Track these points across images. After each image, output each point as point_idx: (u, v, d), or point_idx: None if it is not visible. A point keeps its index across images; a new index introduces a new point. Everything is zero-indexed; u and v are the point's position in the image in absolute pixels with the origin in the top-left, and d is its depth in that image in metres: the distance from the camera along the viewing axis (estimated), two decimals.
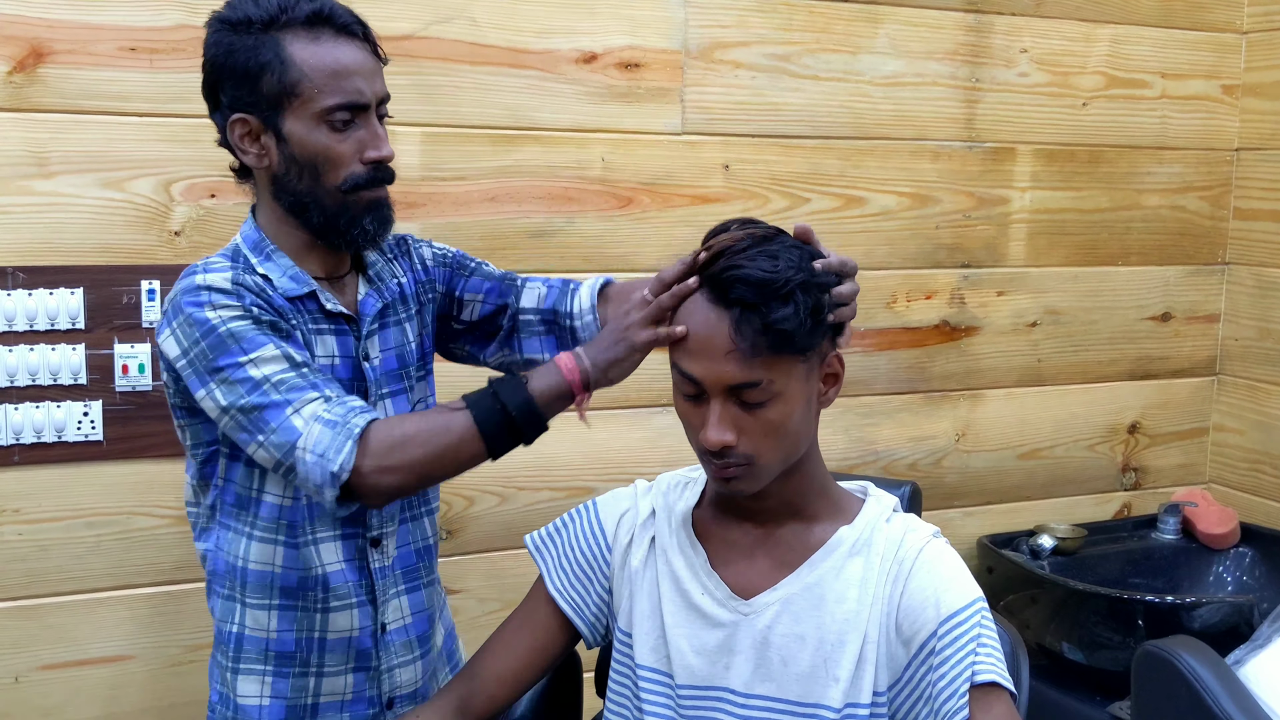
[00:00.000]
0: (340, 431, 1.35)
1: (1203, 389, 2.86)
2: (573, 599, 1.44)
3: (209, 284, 1.41)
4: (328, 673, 1.56)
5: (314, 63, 1.41)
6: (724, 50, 2.29)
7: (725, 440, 1.25)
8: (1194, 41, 2.70)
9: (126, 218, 1.95)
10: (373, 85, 1.45)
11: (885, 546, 1.34)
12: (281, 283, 1.47)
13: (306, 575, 1.52)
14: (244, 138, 1.45)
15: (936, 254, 2.53)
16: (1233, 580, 2.63)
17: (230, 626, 1.54)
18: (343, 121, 1.42)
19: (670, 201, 2.28)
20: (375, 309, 1.55)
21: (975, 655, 1.26)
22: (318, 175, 1.44)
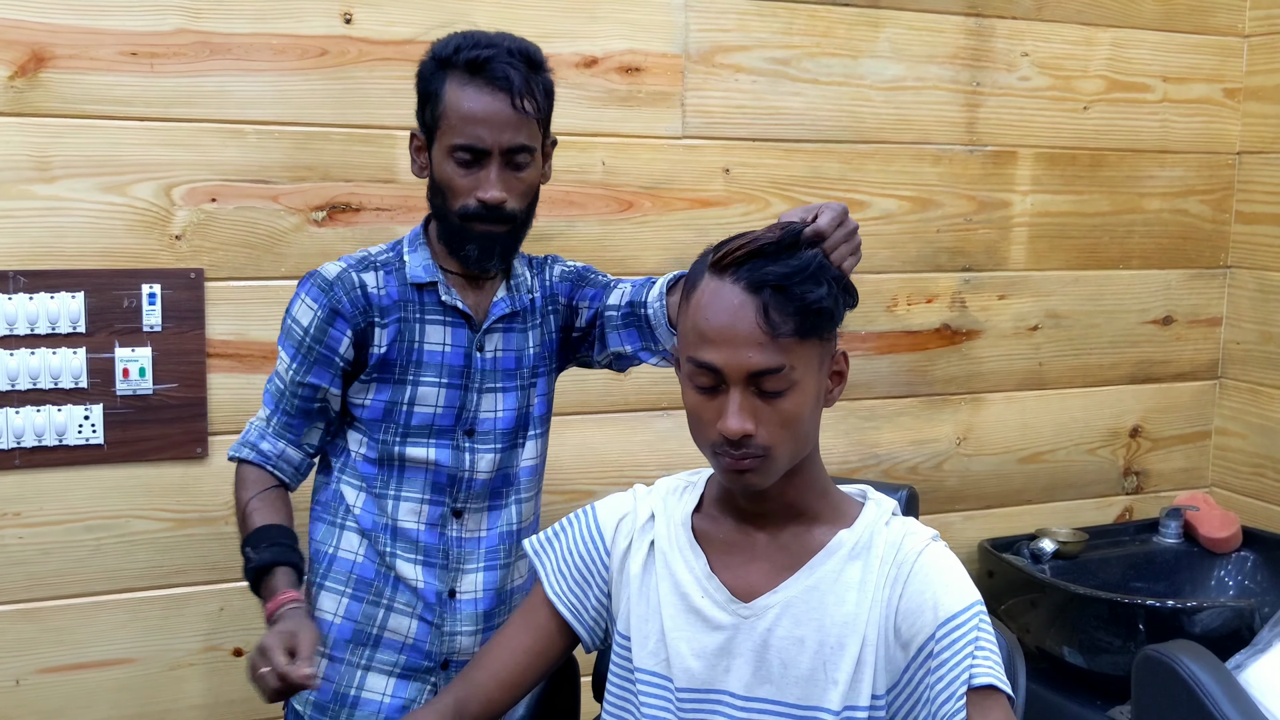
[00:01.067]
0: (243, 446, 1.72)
1: (1205, 393, 2.86)
2: (571, 603, 1.45)
3: (320, 271, 1.69)
4: (396, 610, 1.71)
5: (454, 105, 1.61)
6: (725, 54, 2.29)
7: (746, 428, 1.25)
8: (1195, 45, 2.69)
9: (127, 222, 1.96)
10: (498, 136, 1.61)
11: (884, 550, 1.34)
12: (413, 271, 1.70)
13: (378, 520, 1.71)
14: (415, 150, 1.70)
15: (937, 257, 2.53)
16: (1234, 584, 2.62)
17: (328, 548, 1.74)
18: (464, 160, 1.62)
19: (671, 205, 2.29)
20: (503, 311, 1.74)
21: (973, 659, 1.26)
22: (444, 198, 1.65)
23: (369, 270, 1.69)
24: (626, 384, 2.28)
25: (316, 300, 1.67)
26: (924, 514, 2.58)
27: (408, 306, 1.69)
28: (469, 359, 1.72)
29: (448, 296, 1.70)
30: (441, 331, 1.71)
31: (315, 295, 1.67)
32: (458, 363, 1.71)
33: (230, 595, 2.07)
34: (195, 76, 1.96)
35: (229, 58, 1.97)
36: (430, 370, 1.70)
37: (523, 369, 1.77)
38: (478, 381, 1.72)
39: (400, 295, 1.69)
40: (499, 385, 1.74)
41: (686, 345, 1.29)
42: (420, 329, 1.70)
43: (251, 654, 1.43)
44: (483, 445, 1.73)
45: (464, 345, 1.72)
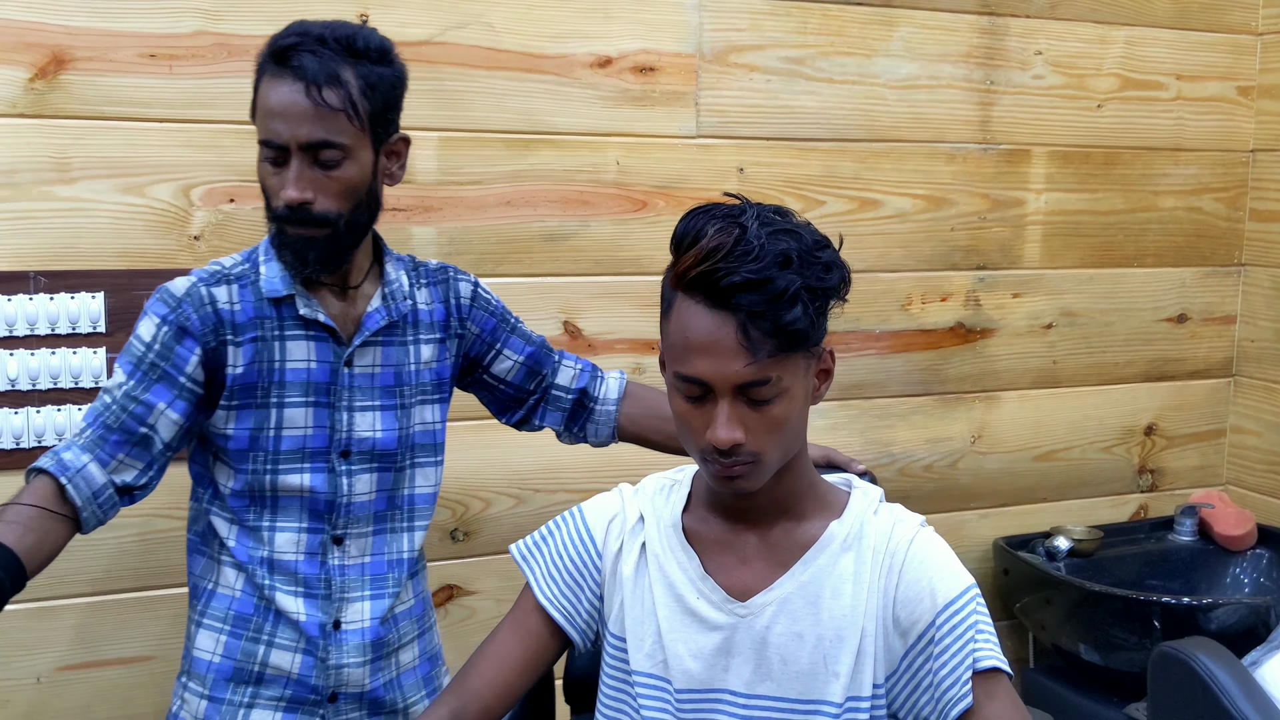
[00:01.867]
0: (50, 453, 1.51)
1: (1219, 390, 2.85)
2: (564, 607, 1.42)
3: (168, 287, 1.57)
4: (277, 645, 1.63)
5: (261, 98, 1.52)
6: (738, 54, 2.30)
7: (736, 438, 1.24)
8: (1209, 43, 2.69)
9: (146, 222, 1.97)
10: (294, 129, 1.49)
11: (876, 539, 1.35)
12: (269, 282, 1.58)
13: (254, 553, 1.62)
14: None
15: (952, 256, 2.53)
16: (1250, 582, 2.62)
17: (206, 583, 1.65)
18: (268, 158, 1.52)
19: (685, 205, 2.28)
20: (378, 324, 1.63)
21: (975, 642, 1.29)
22: (265, 200, 1.56)
23: (221, 284, 1.57)
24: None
25: (162, 316, 1.54)
26: (939, 512, 2.59)
27: (264, 323, 1.58)
28: (335, 375, 1.61)
29: (307, 309, 1.58)
30: (305, 347, 1.59)
31: (161, 311, 1.55)
32: (323, 379, 1.60)
33: None
34: (214, 78, 1.97)
35: (247, 59, 1.95)
36: (295, 390, 1.59)
37: (403, 386, 1.67)
38: (347, 399, 1.62)
39: (256, 311, 1.57)
40: (375, 403, 1.64)
41: (672, 357, 1.27)
42: (280, 346, 1.58)
43: None
44: (359, 467, 1.62)
45: (330, 360, 1.60)
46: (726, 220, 1.24)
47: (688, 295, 1.24)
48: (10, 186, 1.89)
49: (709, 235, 1.23)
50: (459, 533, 2.21)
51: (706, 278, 1.21)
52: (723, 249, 1.21)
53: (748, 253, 1.20)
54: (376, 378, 1.64)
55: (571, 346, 2.24)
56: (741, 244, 1.21)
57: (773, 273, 1.20)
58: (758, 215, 1.25)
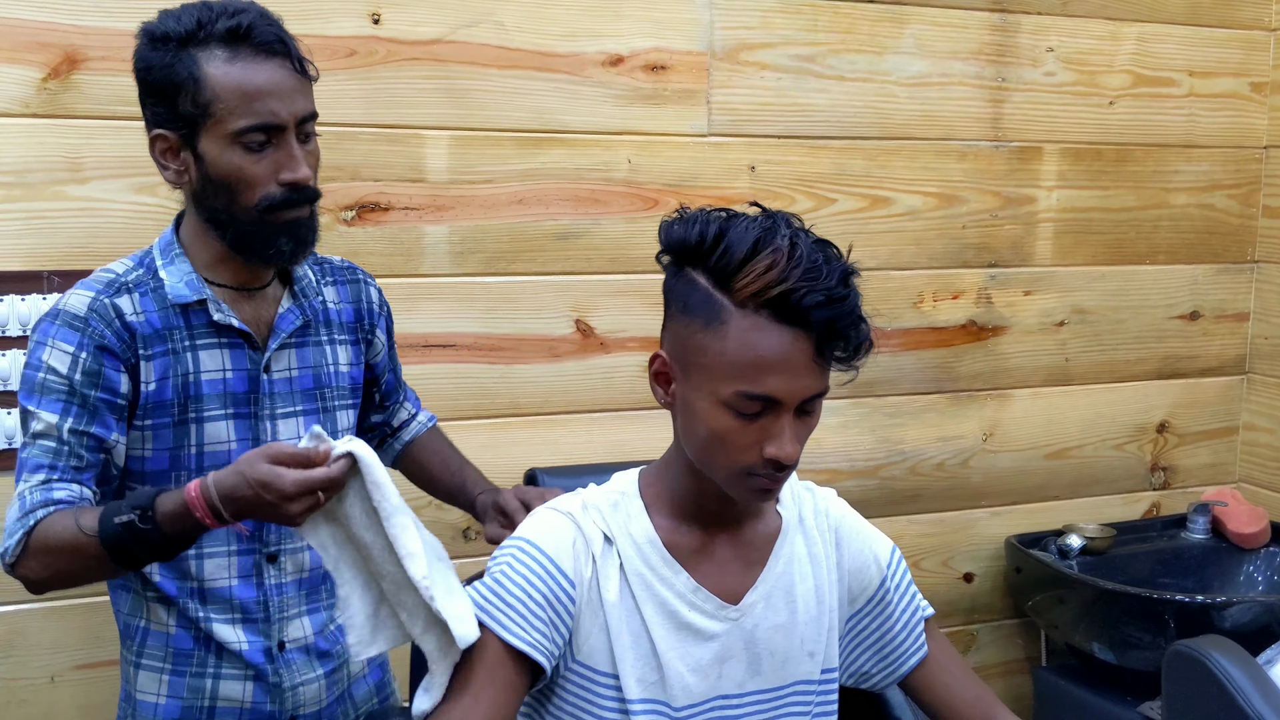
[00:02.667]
0: (20, 520, 1.37)
1: (1232, 388, 2.84)
2: (546, 647, 1.29)
3: (66, 309, 1.44)
4: (225, 677, 1.54)
5: (226, 83, 1.39)
6: (749, 51, 2.30)
7: (799, 453, 1.25)
8: (1222, 39, 2.68)
9: (159, 222, 1.93)
10: (290, 105, 1.42)
11: (814, 518, 1.42)
12: (175, 289, 1.47)
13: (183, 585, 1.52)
14: (164, 154, 1.46)
15: (963, 254, 2.53)
16: (1263, 580, 2.61)
17: (138, 621, 1.55)
18: (257, 143, 1.41)
19: (696, 203, 2.25)
20: (293, 325, 1.55)
21: (916, 596, 1.45)
22: (233, 195, 1.43)
23: (121, 294, 1.45)
24: None
25: (71, 340, 1.41)
26: (950, 510, 2.59)
27: (173, 334, 1.47)
28: (254, 383, 1.52)
29: (220, 315, 1.48)
30: (219, 356, 1.49)
31: (68, 336, 1.41)
32: (242, 389, 1.51)
33: None
34: None
35: None
36: (213, 402, 1.49)
37: (324, 388, 1.58)
38: (268, 407, 1.53)
39: (162, 321, 1.46)
40: (298, 408, 1.55)
41: (732, 376, 1.22)
42: (193, 357, 1.48)
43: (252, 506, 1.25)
44: None
45: (246, 368, 1.51)
46: (770, 231, 1.22)
47: (752, 312, 1.21)
48: (23, 186, 1.90)
49: (778, 249, 1.20)
50: (471, 531, 2.21)
51: (785, 296, 1.19)
52: (795, 265, 1.20)
53: (814, 268, 1.20)
54: (295, 381, 1.55)
55: (583, 345, 2.24)
56: (803, 259, 1.20)
57: (843, 290, 1.21)
58: (789, 222, 1.25)
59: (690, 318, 1.25)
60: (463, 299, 2.17)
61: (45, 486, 1.39)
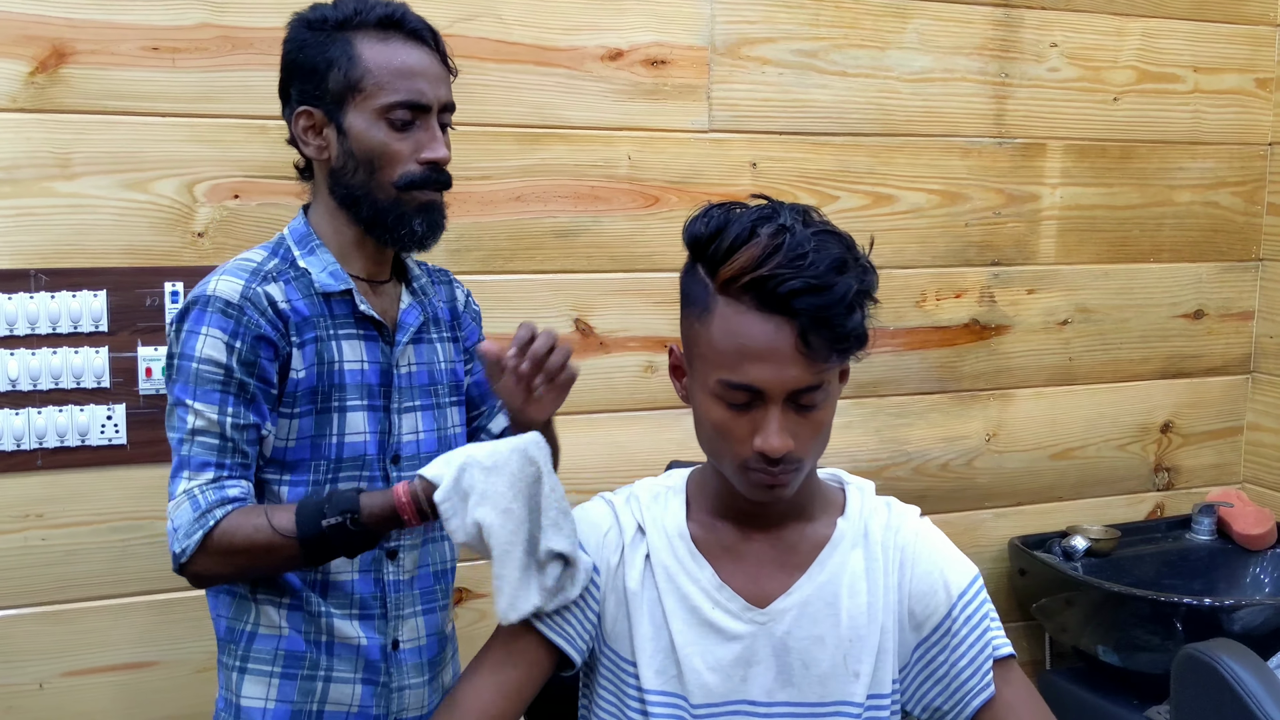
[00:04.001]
0: (198, 520, 1.39)
1: (1236, 387, 2.82)
2: (564, 630, 1.33)
3: (217, 294, 1.44)
4: (336, 679, 1.53)
5: (380, 61, 1.46)
6: (751, 46, 2.26)
7: (789, 446, 1.21)
8: (1227, 35, 2.65)
9: (150, 219, 1.93)
10: (436, 90, 1.49)
11: (882, 534, 1.34)
12: (320, 278, 1.50)
13: (304, 578, 1.51)
14: (307, 130, 1.50)
15: (966, 252, 2.50)
16: (1270, 581, 2.58)
17: (243, 625, 1.53)
18: (402, 121, 1.46)
19: (698, 200, 2.23)
20: (417, 320, 1.59)
21: (990, 631, 1.32)
22: (373, 170, 1.47)
23: (269, 282, 1.47)
24: (654, 380, 2.25)
25: (226, 329, 1.42)
26: (955, 511, 2.56)
27: (320, 321, 1.49)
28: (386, 376, 1.54)
29: (364, 305, 1.52)
30: (358, 347, 1.52)
31: (222, 324, 1.42)
32: (375, 381, 1.53)
33: None
34: (218, 71, 1.93)
35: (252, 52, 1.95)
36: (353, 393, 1.51)
37: (437, 385, 1.61)
38: (398, 401, 1.55)
39: (310, 309, 1.48)
40: (417, 404, 1.58)
41: (718, 364, 1.21)
42: (337, 347, 1.50)
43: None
44: (409, 473, 1.49)
45: (379, 360, 1.54)
46: (766, 221, 1.20)
47: (734, 300, 1.19)
48: (11, 183, 1.85)
49: (760, 237, 1.19)
50: None
51: (761, 282, 1.17)
52: (776, 252, 1.17)
53: (802, 255, 1.17)
54: (414, 377, 1.58)
55: (583, 345, 2.21)
56: (792, 246, 1.17)
57: (831, 278, 1.17)
58: (796, 215, 1.22)
59: (689, 308, 1.26)
60: None
61: (217, 485, 1.41)
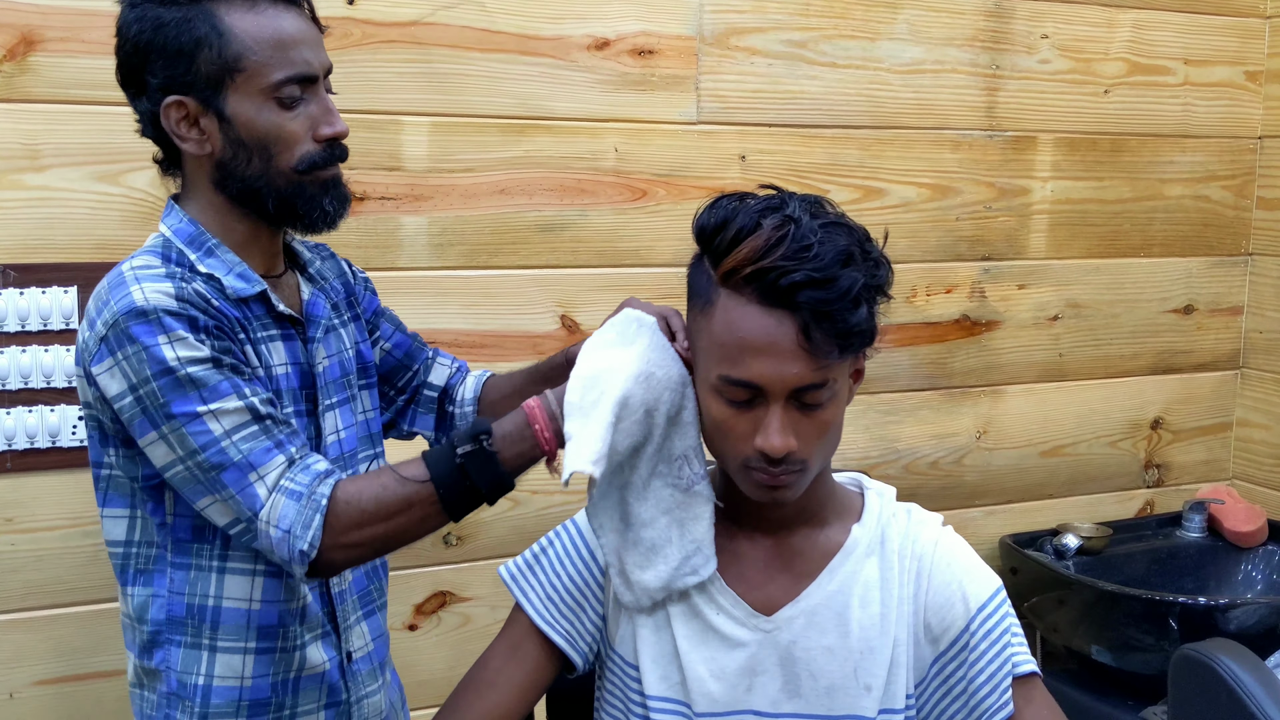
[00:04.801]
0: (307, 505, 1.25)
1: (1226, 383, 2.79)
2: (566, 631, 1.32)
3: (157, 306, 1.25)
4: (301, 713, 1.43)
5: (256, 34, 1.29)
6: (740, 36, 2.22)
7: (790, 446, 1.17)
8: (1217, 27, 2.63)
9: (123, 212, 1.87)
10: (319, 56, 1.34)
11: (900, 543, 1.29)
12: (230, 282, 1.34)
13: (287, 608, 1.39)
14: (180, 122, 1.32)
15: (957, 246, 2.46)
16: (1262, 579, 2.56)
17: (195, 678, 1.37)
18: (291, 98, 1.31)
19: (686, 194, 2.21)
20: (326, 311, 1.46)
21: (1011, 647, 1.26)
22: (269, 157, 1.32)
23: (189, 284, 1.30)
24: None
25: (184, 327, 1.25)
26: (945, 510, 2.49)
27: (245, 325, 1.34)
28: (307, 377, 1.40)
29: (281, 305, 1.38)
30: (280, 350, 1.38)
31: (177, 324, 1.25)
32: (298, 384, 1.40)
33: None
34: None
35: None
36: (285, 399, 1.37)
37: (349, 375, 1.48)
38: (322, 401, 1.42)
39: (232, 312, 1.32)
40: (334, 400, 1.45)
41: (717, 359, 1.18)
42: (265, 350, 1.36)
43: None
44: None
45: (299, 361, 1.40)
46: (773, 211, 1.17)
47: (736, 292, 1.16)
48: None
49: (764, 228, 1.15)
50: (452, 536, 2.12)
51: (763, 274, 1.13)
52: (779, 244, 1.13)
53: (806, 248, 1.13)
54: (328, 371, 1.45)
55: (568, 341, 2.15)
56: (797, 238, 1.13)
57: (836, 271, 1.13)
58: (805, 207, 1.18)
59: (693, 302, 1.23)
60: (442, 293, 2.07)
61: (299, 465, 1.27)
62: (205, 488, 1.26)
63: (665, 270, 2.20)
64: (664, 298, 2.19)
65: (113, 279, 1.30)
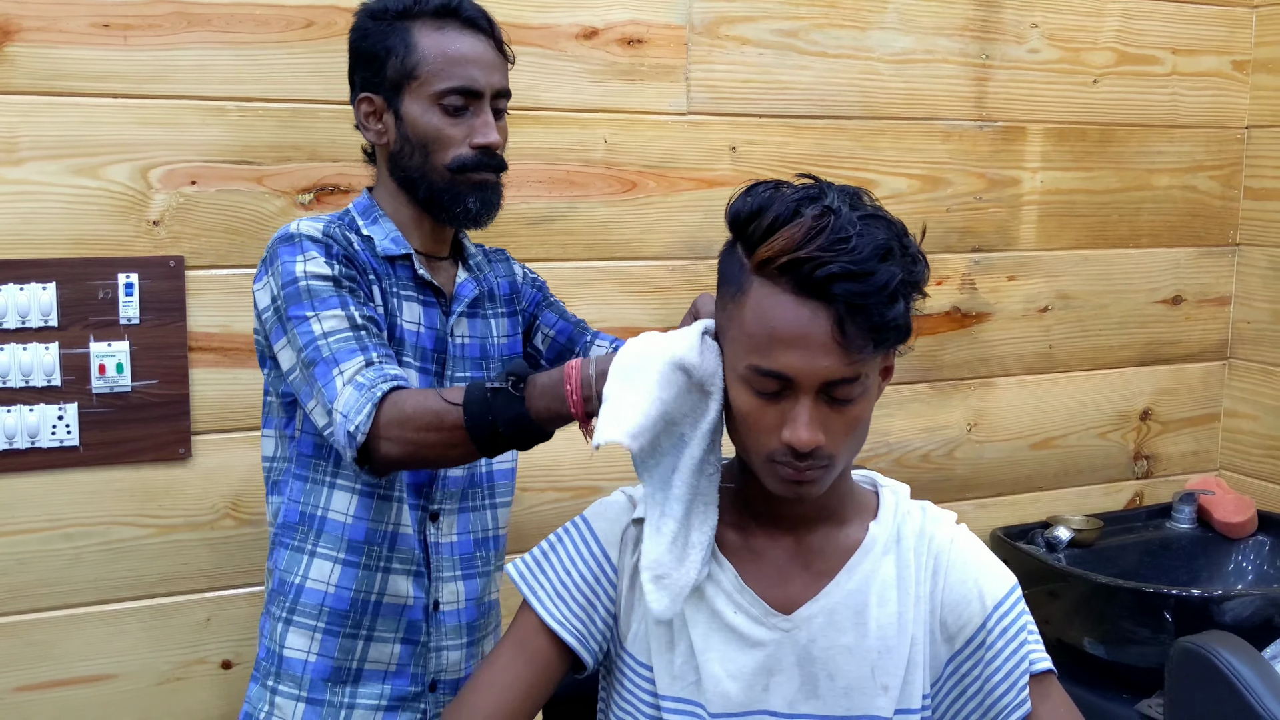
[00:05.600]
0: (364, 394, 1.36)
1: (1214, 373, 2.79)
2: (577, 629, 1.29)
3: (301, 231, 1.48)
4: (376, 638, 1.57)
5: (435, 49, 1.51)
6: (730, 25, 2.19)
7: (819, 440, 1.14)
8: (1205, 16, 2.62)
9: (102, 207, 1.82)
10: (488, 76, 1.53)
11: (915, 541, 1.28)
12: (383, 244, 1.55)
13: (376, 528, 1.55)
14: (368, 116, 1.56)
15: (948, 238, 2.44)
16: (1253, 570, 2.56)
17: (293, 578, 1.56)
18: (454, 106, 1.52)
19: (676, 185, 2.18)
20: (471, 293, 1.62)
21: (1027, 644, 1.25)
22: (427, 153, 1.53)
23: (344, 233, 1.53)
24: None
25: (321, 251, 1.47)
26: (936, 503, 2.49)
27: (386, 278, 1.55)
28: (441, 343, 1.59)
29: (424, 270, 1.58)
30: (416, 310, 1.57)
31: (316, 248, 1.47)
32: (429, 345, 1.58)
33: (218, 604, 1.94)
34: (173, 50, 1.83)
35: (209, 29, 1.84)
36: (409, 352, 1.55)
37: (488, 359, 1.65)
38: (450, 369, 1.60)
39: (377, 266, 1.54)
40: (467, 374, 1.62)
41: (748, 349, 1.16)
42: (399, 303, 1.55)
43: None
44: None
45: (436, 327, 1.59)
46: (811, 201, 1.14)
47: (770, 282, 1.14)
48: None
49: (804, 217, 1.13)
50: None
51: (799, 265, 1.11)
52: (817, 234, 1.11)
53: (845, 240, 1.11)
54: (468, 349, 1.62)
55: None
56: (835, 230, 1.11)
57: (874, 265, 1.11)
58: (844, 198, 1.16)
59: (724, 288, 1.21)
60: None
61: (376, 367, 1.40)
62: (308, 388, 1.43)
63: (655, 263, 2.18)
64: (654, 291, 2.18)
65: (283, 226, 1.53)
